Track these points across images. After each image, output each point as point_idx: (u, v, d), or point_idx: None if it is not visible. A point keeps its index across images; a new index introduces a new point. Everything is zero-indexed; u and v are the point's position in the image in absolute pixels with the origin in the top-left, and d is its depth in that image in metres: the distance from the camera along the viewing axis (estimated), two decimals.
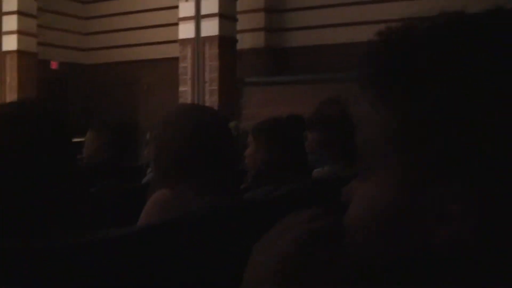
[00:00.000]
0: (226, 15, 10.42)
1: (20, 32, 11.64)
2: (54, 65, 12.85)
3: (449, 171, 0.60)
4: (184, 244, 1.66)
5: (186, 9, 10.35)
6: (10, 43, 11.63)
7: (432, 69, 0.62)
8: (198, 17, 10.19)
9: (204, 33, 10.20)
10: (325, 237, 0.73)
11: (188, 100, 10.35)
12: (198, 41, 10.24)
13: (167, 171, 1.94)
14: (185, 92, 10.54)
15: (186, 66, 10.53)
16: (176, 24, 10.72)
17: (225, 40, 10.36)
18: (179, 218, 1.72)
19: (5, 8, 11.64)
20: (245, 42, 10.97)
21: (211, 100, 10.20)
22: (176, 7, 10.69)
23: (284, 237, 0.75)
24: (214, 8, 10.21)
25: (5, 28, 11.66)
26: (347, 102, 2.92)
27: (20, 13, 11.65)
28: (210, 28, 10.20)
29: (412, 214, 0.63)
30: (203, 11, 10.15)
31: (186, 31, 10.40)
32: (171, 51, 11.39)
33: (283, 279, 0.73)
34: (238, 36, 10.75)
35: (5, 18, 11.67)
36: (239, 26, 10.78)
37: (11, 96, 11.28)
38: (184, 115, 1.99)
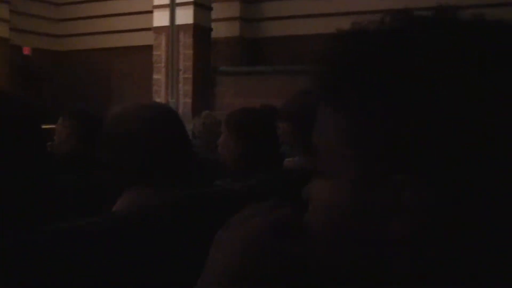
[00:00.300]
0: (201, 4, 10.38)
1: None
2: (26, 50, 12.70)
3: (400, 163, 0.63)
4: (152, 234, 1.67)
5: None
6: None
7: (383, 70, 0.65)
8: (173, 5, 10.14)
9: (179, 21, 10.15)
10: (285, 228, 0.75)
11: (162, 88, 10.31)
12: (172, 29, 10.19)
13: (126, 172, 1.94)
14: (159, 80, 10.49)
15: (160, 54, 10.48)
16: (151, 11, 10.66)
17: (200, 29, 10.33)
18: (146, 208, 1.72)
19: None
20: (220, 31, 10.94)
21: (184, 88, 10.18)
22: None
23: (246, 226, 0.76)
24: None
25: None
26: None
27: None
28: (185, 16, 10.15)
29: (369, 210, 0.66)
30: None
31: (160, 19, 10.34)
32: (145, 39, 11.33)
33: (243, 266, 0.74)
34: (213, 25, 10.73)
35: None
36: (214, 15, 10.75)
37: None
38: (138, 116, 1.98)
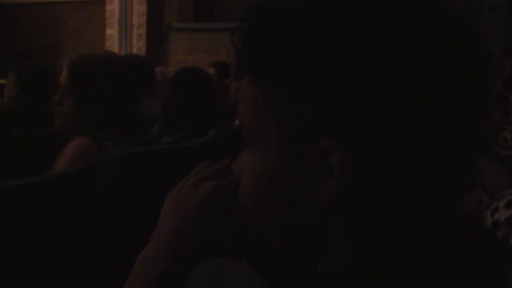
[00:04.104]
0: None
1: None
2: None
3: (324, 129, 0.64)
4: (100, 190, 1.67)
5: None
6: None
7: (296, 43, 0.64)
8: None
9: None
10: (229, 194, 0.76)
11: (115, 43, 10.15)
12: None
13: (82, 120, 1.93)
14: (112, 35, 10.32)
15: (113, 9, 10.30)
16: None
17: None
18: (95, 164, 1.72)
19: None
20: None
21: (138, 44, 10.04)
22: None
23: (197, 191, 0.77)
24: None
25: None
26: None
27: None
28: None
29: (298, 177, 0.67)
30: None
31: None
32: None
33: (191, 230, 0.76)
34: None
35: None
36: None
37: None
38: (94, 65, 1.97)
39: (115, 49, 10.07)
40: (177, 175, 0.84)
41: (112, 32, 10.31)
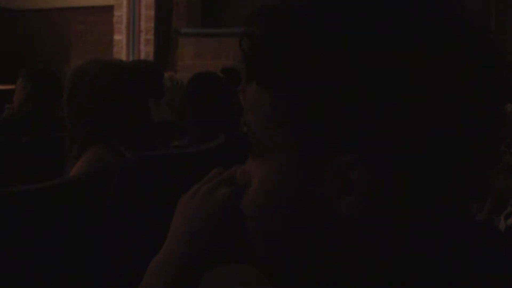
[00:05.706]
0: None
1: None
2: None
3: (343, 143, 0.62)
4: (112, 194, 1.68)
5: None
6: None
7: (313, 51, 0.63)
8: None
9: None
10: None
11: (123, 49, 10.16)
12: None
13: (88, 130, 1.93)
14: (120, 41, 10.33)
15: (121, 14, 10.30)
16: None
17: None
18: (108, 168, 1.72)
19: None
20: None
21: (146, 50, 10.05)
22: None
23: (211, 199, 0.77)
24: None
25: None
26: None
27: None
28: None
29: (310, 189, 0.65)
30: None
31: None
32: None
33: (205, 241, 0.76)
34: None
35: None
36: None
37: None
38: (97, 72, 1.97)
39: (123, 54, 10.09)
40: (190, 180, 0.84)
41: (120, 37, 10.32)
